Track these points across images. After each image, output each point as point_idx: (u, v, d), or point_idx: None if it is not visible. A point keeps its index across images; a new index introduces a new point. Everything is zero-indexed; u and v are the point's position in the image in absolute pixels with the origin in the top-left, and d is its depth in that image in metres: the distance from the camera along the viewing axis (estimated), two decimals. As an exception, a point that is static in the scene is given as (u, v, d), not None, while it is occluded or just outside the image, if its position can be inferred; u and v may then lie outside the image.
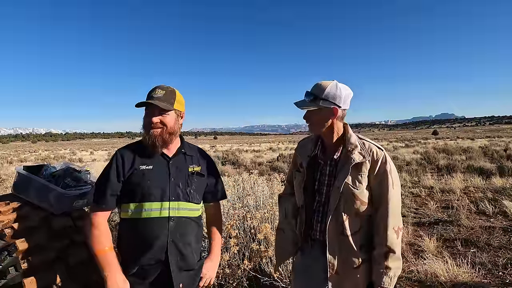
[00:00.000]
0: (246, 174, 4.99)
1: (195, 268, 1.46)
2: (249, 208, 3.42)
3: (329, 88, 1.32)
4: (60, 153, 27.23)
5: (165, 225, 1.35)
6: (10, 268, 1.50)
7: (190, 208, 1.44)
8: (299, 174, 1.50)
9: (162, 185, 1.37)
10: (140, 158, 1.39)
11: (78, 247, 1.81)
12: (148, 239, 1.33)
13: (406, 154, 14.67)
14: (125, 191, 1.36)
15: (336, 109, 1.34)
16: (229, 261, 2.65)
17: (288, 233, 1.56)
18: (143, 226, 1.33)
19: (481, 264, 3.08)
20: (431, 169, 9.88)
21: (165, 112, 1.37)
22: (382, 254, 1.29)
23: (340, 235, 1.34)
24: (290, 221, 1.56)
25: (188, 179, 1.45)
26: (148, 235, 1.33)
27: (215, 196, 1.61)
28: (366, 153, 1.33)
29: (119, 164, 1.36)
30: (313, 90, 1.36)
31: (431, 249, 3.42)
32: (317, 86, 1.36)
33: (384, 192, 1.31)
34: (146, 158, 1.40)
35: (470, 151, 13.56)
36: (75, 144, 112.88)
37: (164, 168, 1.41)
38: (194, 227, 1.47)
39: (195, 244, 1.47)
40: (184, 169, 1.45)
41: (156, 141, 1.35)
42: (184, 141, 1.55)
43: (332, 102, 1.33)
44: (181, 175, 1.43)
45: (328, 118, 1.36)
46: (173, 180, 1.40)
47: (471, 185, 6.78)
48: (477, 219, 4.52)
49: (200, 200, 1.53)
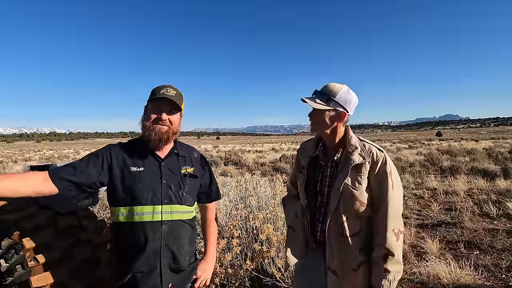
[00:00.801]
0: (248, 174, 5.01)
1: (186, 269, 1.41)
2: (252, 209, 3.44)
3: (342, 91, 1.34)
4: (64, 152, 27.44)
5: (158, 229, 1.31)
6: (17, 266, 1.52)
7: (183, 211, 1.40)
8: (301, 175, 1.52)
9: (153, 188, 1.32)
10: (132, 159, 1.35)
11: (83, 246, 1.84)
12: (141, 243, 1.29)
13: (409, 156, 14.60)
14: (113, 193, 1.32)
15: (344, 113, 1.36)
16: (232, 261, 2.66)
17: (299, 232, 1.54)
18: (135, 230, 1.30)
19: (484, 266, 3.07)
20: (435, 170, 9.84)
21: (175, 111, 1.38)
22: (381, 256, 1.29)
23: (339, 236, 1.35)
24: (302, 220, 1.54)
25: (180, 181, 1.40)
26: (141, 239, 1.29)
27: (209, 197, 1.58)
28: (366, 154, 1.34)
29: (107, 156, 1.32)
30: (325, 91, 1.37)
31: (433, 251, 3.41)
32: (330, 87, 1.36)
33: (384, 193, 1.31)
34: (137, 159, 1.35)
35: (474, 153, 13.48)
36: (79, 144, 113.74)
37: (155, 170, 1.36)
38: (188, 230, 1.43)
39: (188, 246, 1.43)
40: (176, 171, 1.41)
41: (162, 137, 1.33)
42: (177, 141, 1.51)
43: (343, 106, 1.34)
44: (173, 177, 1.39)
45: (334, 120, 1.37)
46: (165, 182, 1.36)
47: (475, 187, 6.74)
48: (480, 221, 4.50)
49: (194, 202, 1.48)
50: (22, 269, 1.53)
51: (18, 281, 1.51)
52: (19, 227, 1.58)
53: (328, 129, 1.39)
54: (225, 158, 15.35)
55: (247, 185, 4.17)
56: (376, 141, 36.34)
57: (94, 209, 3.72)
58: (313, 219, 1.47)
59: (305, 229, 1.52)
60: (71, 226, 1.83)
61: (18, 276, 1.51)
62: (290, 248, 1.56)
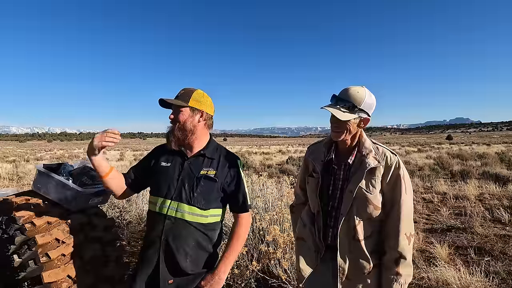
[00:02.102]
0: (255, 176, 5.01)
1: (189, 273, 1.37)
2: (258, 210, 3.45)
3: (366, 97, 1.31)
4: (75, 152, 27.96)
5: (162, 222, 1.38)
6: (29, 262, 1.57)
7: (191, 212, 1.37)
8: (313, 179, 1.48)
9: (170, 182, 1.41)
10: (165, 156, 1.50)
11: (92, 243, 1.88)
12: (149, 231, 1.43)
13: (418, 159, 14.37)
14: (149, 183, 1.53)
15: (368, 119, 1.35)
16: (238, 262, 2.67)
17: (309, 241, 1.49)
18: (150, 218, 1.46)
19: (495, 273, 3.00)
20: (445, 174, 9.66)
21: (179, 108, 1.41)
22: (393, 260, 1.28)
23: (352, 239, 1.34)
24: (311, 228, 1.49)
25: (195, 181, 1.40)
26: (149, 228, 1.44)
27: (234, 206, 1.49)
28: (380, 157, 1.33)
29: (150, 156, 1.56)
30: (348, 97, 1.31)
31: (442, 256, 3.35)
32: (353, 94, 1.31)
33: (397, 197, 1.30)
34: (169, 155, 1.49)
35: (486, 157, 13.17)
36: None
37: (178, 167, 1.44)
38: (194, 233, 1.38)
39: (194, 250, 1.38)
40: (196, 171, 1.42)
41: (176, 135, 1.41)
42: (212, 144, 1.51)
43: (366, 112, 1.33)
44: (190, 177, 1.41)
45: (358, 126, 1.36)
46: (181, 180, 1.40)
47: (486, 192, 6.59)
48: (491, 227, 4.40)
49: (209, 206, 1.41)
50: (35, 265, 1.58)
51: (30, 276, 1.56)
52: (32, 224, 1.62)
53: (350, 135, 1.38)
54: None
55: (254, 187, 4.18)
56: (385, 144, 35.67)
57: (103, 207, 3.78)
58: (324, 224, 1.45)
59: (314, 237, 1.48)
60: (82, 223, 1.87)
61: (30, 271, 1.55)
62: (302, 259, 1.49)
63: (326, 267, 1.44)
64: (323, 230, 1.44)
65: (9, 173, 10.65)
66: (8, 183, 9.27)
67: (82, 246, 1.79)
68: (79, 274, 1.69)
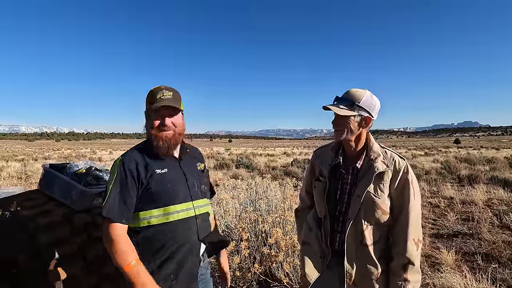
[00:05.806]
0: (259, 177, 5.00)
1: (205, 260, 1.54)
2: (261, 212, 3.44)
3: (365, 96, 1.32)
4: (82, 151, 28.33)
5: (194, 223, 1.40)
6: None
7: (205, 204, 1.50)
8: (320, 184, 1.46)
9: (182, 186, 1.39)
10: (153, 162, 1.34)
11: (96, 243, 1.90)
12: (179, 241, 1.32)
13: (425, 163, 14.20)
14: (144, 198, 1.30)
15: (370, 118, 1.34)
16: (240, 264, 2.67)
17: (315, 246, 1.47)
18: (172, 228, 1.32)
19: (503, 280, 2.93)
20: (452, 179, 9.52)
21: (176, 113, 1.38)
22: (401, 266, 1.27)
23: (359, 244, 1.32)
24: (317, 233, 1.48)
25: (198, 177, 1.51)
26: (179, 236, 1.32)
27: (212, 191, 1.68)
28: (389, 162, 1.32)
29: (133, 169, 1.28)
30: (348, 96, 1.34)
31: (449, 262, 3.30)
32: (352, 92, 1.34)
33: (405, 202, 1.29)
34: (158, 161, 1.36)
35: (495, 162, 12.94)
36: (96, 144, 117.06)
37: (177, 169, 1.42)
38: (211, 220, 1.55)
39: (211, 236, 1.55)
40: (193, 168, 1.51)
41: (170, 143, 1.34)
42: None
43: (367, 110, 1.32)
44: (193, 174, 1.48)
45: (360, 126, 1.35)
46: (189, 180, 1.44)
47: (495, 197, 6.47)
48: (500, 233, 4.31)
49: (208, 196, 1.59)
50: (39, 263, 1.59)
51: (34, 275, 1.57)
52: (36, 223, 1.64)
53: (353, 136, 1.36)
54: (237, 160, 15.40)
55: (258, 188, 4.18)
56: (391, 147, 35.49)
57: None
58: (331, 229, 1.43)
59: (320, 242, 1.46)
60: (86, 223, 1.89)
61: (33, 270, 1.57)
62: (308, 264, 1.46)
63: (332, 272, 1.42)
64: (330, 235, 1.42)
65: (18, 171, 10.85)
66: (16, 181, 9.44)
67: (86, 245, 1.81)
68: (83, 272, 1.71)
